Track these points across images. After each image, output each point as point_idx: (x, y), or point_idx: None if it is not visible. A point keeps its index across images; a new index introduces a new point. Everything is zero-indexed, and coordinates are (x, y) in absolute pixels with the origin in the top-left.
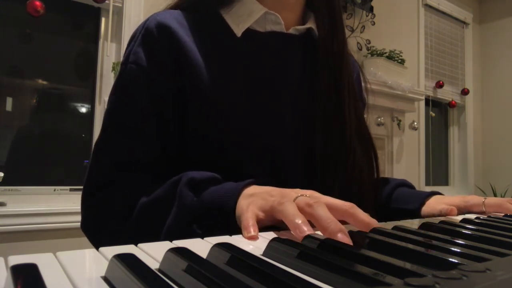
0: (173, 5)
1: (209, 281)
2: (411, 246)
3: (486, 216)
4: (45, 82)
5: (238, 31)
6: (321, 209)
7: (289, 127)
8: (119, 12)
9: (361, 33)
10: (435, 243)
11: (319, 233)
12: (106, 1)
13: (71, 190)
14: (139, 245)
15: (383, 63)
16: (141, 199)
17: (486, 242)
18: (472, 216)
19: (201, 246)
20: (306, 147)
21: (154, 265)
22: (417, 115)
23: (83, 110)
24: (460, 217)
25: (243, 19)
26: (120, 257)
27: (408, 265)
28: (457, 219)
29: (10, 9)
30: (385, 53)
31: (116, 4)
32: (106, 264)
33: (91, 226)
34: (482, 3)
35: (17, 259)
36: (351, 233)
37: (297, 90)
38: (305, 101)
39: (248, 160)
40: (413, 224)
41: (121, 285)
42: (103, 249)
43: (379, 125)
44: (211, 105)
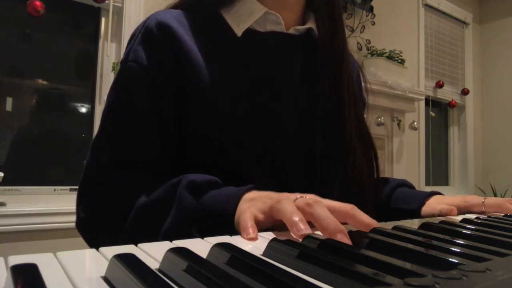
0: (174, 5)
1: (209, 281)
2: (411, 246)
3: (486, 216)
4: (45, 82)
5: (238, 31)
6: (320, 209)
7: (289, 127)
8: (119, 12)
9: (361, 33)
10: (435, 243)
11: (318, 233)
12: (106, 1)
13: (71, 190)
14: (139, 245)
15: (383, 63)
16: (140, 199)
17: (486, 242)
18: (472, 216)
19: (201, 246)
20: (306, 147)
21: (154, 265)
22: (417, 115)
23: (83, 110)
24: (460, 217)
25: (243, 19)
26: (120, 257)
27: (408, 265)
28: (457, 219)
29: (10, 9)
30: (385, 53)
31: (116, 4)
32: (106, 264)
33: (88, 225)
34: (482, 3)
35: (17, 259)
36: (351, 233)
37: (297, 90)
38: (305, 101)
39: (248, 160)
40: (413, 224)
41: (121, 285)
42: (103, 249)
43: (379, 125)
44: (211, 105)
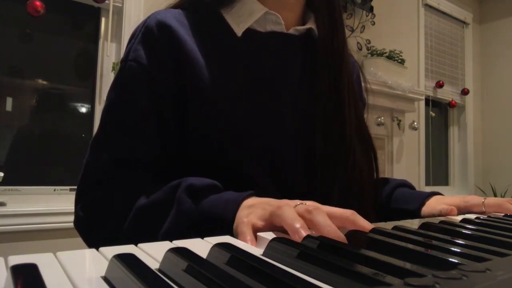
0: (174, 5)
1: (209, 281)
2: (411, 246)
3: (486, 216)
4: (45, 82)
5: (238, 31)
6: (320, 216)
7: (289, 127)
8: (119, 12)
9: (361, 33)
10: (435, 243)
11: None
12: (106, 1)
13: (71, 190)
14: (139, 245)
15: (383, 63)
16: (139, 201)
17: (486, 242)
18: (472, 216)
19: (201, 246)
20: (306, 147)
21: (154, 265)
22: (417, 115)
23: (83, 110)
24: (460, 217)
25: (243, 18)
26: (120, 257)
27: (408, 265)
28: (457, 219)
29: (10, 9)
30: (385, 53)
31: (116, 4)
32: (106, 264)
33: (87, 224)
34: (482, 3)
35: (17, 259)
36: (351, 233)
37: (297, 90)
38: (305, 101)
39: (248, 160)
40: (413, 224)
41: (121, 285)
42: (103, 249)
43: (379, 125)
44: (211, 105)
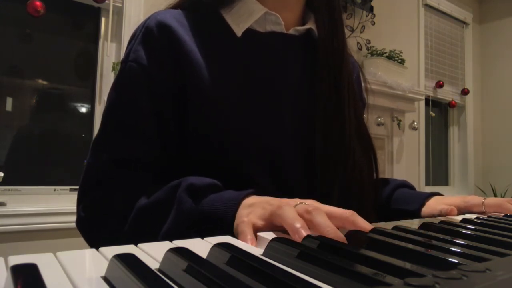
0: (174, 5)
1: (209, 281)
2: (411, 246)
3: (486, 216)
4: (45, 82)
5: (238, 31)
6: (320, 217)
7: (289, 127)
8: (119, 12)
9: (361, 33)
10: (435, 243)
11: None
12: (106, 1)
13: (71, 190)
14: (139, 245)
15: (383, 63)
16: (139, 201)
17: (486, 242)
18: (472, 216)
19: (201, 246)
20: (306, 147)
21: (154, 265)
22: (417, 115)
23: (83, 110)
24: (460, 217)
25: (243, 19)
26: (120, 257)
27: (408, 265)
28: (457, 219)
29: (10, 9)
30: (385, 53)
31: (116, 4)
32: (106, 264)
33: (88, 224)
34: (482, 3)
35: (17, 259)
36: (350, 233)
37: (297, 90)
38: (305, 101)
39: (248, 160)
40: (413, 224)
41: (121, 285)
42: (103, 249)
43: (379, 125)
44: (211, 105)
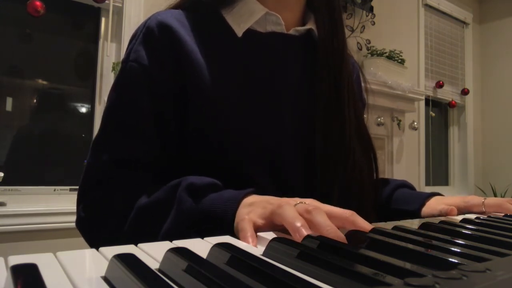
0: (174, 5)
1: (209, 281)
2: (411, 246)
3: (486, 216)
4: (45, 82)
5: (239, 31)
6: (320, 216)
7: (289, 127)
8: (119, 12)
9: (361, 33)
10: (435, 243)
11: None
12: (106, 1)
13: (71, 190)
14: (139, 245)
15: (383, 63)
16: (139, 200)
17: (486, 242)
18: (472, 216)
19: (201, 246)
20: (306, 147)
21: (154, 265)
22: (417, 115)
23: (83, 110)
24: (460, 217)
25: (244, 19)
26: (120, 257)
27: (408, 265)
28: (457, 219)
29: (10, 9)
30: (385, 53)
31: (116, 4)
32: (106, 264)
33: (88, 224)
34: (482, 3)
35: (17, 259)
36: (350, 233)
37: (297, 90)
38: (305, 101)
39: (248, 160)
40: (413, 224)
41: (121, 285)
42: (103, 249)
43: (379, 125)
44: (211, 105)
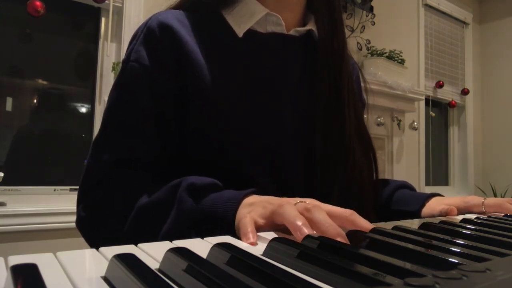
0: (175, 5)
1: (209, 281)
2: (411, 246)
3: (486, 216)
4: (45, 82)
5: (239, 32)
6: (319, 214)
7: (289, 127)
8: (119, 12)
9: (361, 33)
10: (435, 243)
11: None
12: (106, 1)
13: (71, 190)
14: (139, 245)
15: (383, 63)
16: (140, 200)
17: (486, 242)
18: (472, 216)
19: (201, 246)
20: (306, 147)
21: (154, 265)
22: (417, 115)
23: (83, 110)
24: (460, 217)
25: (244, 19)
26: (120, 257)
27: (408, 265)
28: (457, 219)
29: (10, 9)
30: (385, 53)
31: (116, 4)
32: (106, 264)
33: (89, 224)
34: (482, 3)
35: (17, 259)
36: (351, 232)
37: (297, 90)
38: (305, 101)
39: (248, 160)
40: (413, 224)
41: (121, 285)
42: (103, 249)
43: (379, 125)
44: (211, 105)
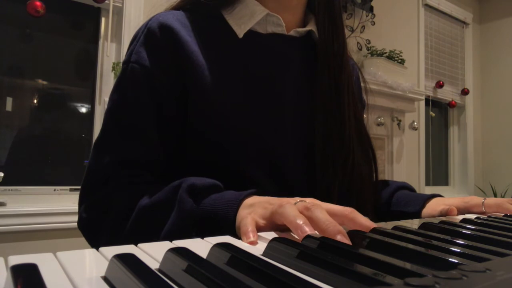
0: (175, 6)
1: (209, 281)
2: (411, 246)
3: (486, 216)
4: (45, 82)
5: (240, 32)
6: (319, 212)
7: (289, 127)
8: (119, 12)
9: (361, 33)
10: (435, 243)
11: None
12: (106, 1)
13: (71, 190)
14: (139, 245)
15: (383, 63)
16: (141, 201)
17: (486, 242)
18: (472, 216)
19: (201, 246)
20: (306, 148)
21: (154, 265)
22: (417, 115)
23: (83, 110)
24: (460, 217)
25: (245, 20)
26: (120, 257)
27: (408, 265)
28: (457, 219)
29: (10, 9)
30: (385, 53)
31: (116, 4)
32: (106, 264)
33: (90, 224)
34: (482, 3)
35: (17, 259)
36: (350, 233)
37: (298, 90)
38: (305, 101)
39: (248, 160)
40: (413, 224)
41: (121, 285)
42: (103, 249)
43: (379, 125)
44: (212, 106)
